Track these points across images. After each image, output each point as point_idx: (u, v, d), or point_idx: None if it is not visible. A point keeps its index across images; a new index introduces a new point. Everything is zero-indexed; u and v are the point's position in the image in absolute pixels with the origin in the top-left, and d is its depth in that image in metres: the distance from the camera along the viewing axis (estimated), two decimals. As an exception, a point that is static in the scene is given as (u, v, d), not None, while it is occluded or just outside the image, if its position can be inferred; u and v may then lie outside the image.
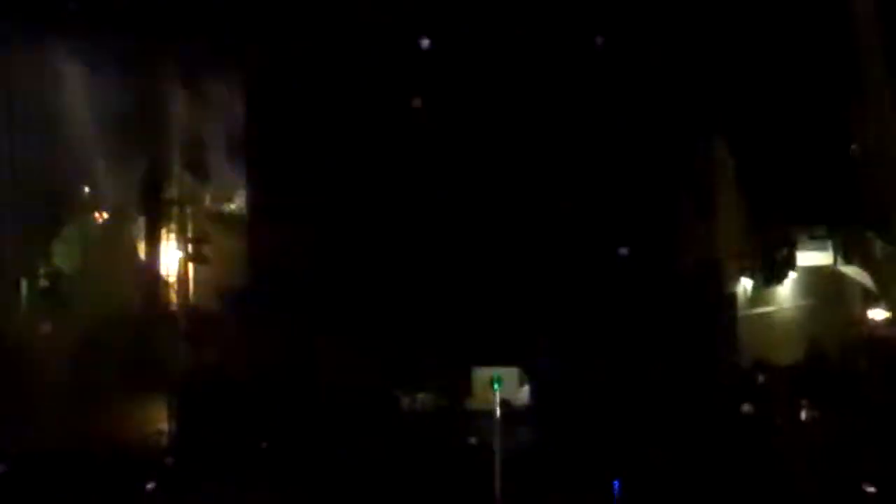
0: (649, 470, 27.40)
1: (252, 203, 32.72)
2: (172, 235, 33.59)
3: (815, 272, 33.84)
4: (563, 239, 31.32)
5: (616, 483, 27.03)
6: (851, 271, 33.76)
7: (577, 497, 26.77)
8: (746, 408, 30.40)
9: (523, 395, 30.97)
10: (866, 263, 33.57)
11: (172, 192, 33.51)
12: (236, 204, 34.01)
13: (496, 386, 28.82)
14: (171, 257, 33.70)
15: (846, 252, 33.82)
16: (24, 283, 32.64)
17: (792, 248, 33.78)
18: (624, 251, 31.63)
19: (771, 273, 33.68)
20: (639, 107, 31.52)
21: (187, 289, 33.39)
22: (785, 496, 26.44)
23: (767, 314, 33.67)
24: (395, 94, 31.36)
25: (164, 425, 30.29)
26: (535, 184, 31.37)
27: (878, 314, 33.27)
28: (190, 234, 33.33)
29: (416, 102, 31.42)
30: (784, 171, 32.00)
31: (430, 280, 30.93)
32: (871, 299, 33.40)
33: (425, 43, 31.29)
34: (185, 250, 33.32)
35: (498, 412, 27.78)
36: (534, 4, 31.25)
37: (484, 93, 31.25)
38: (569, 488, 26.92)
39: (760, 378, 31.11)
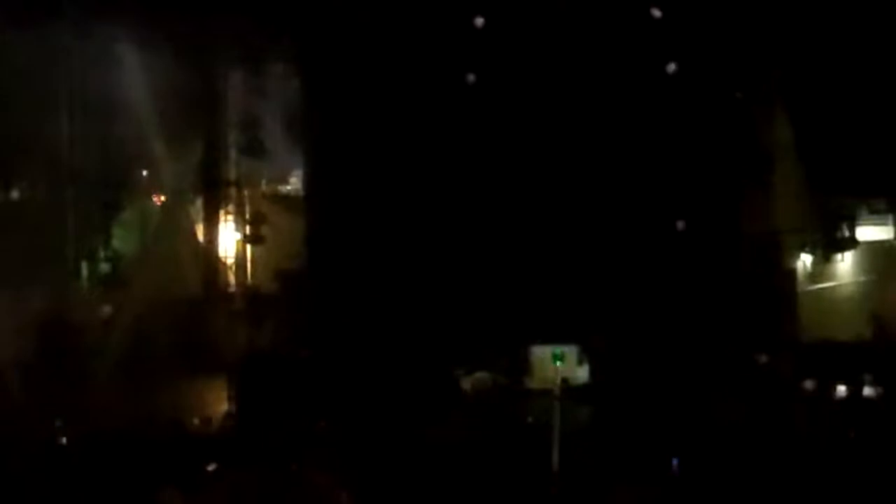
0: (709, 448, 27.36)
1: (309, 183, 32.70)
2: (230, 217, 33.77)
3: (875, 247, 33.55)
4: (619, 213, 31.11)
5: (675, 461, 27.01)
6: (912, 246, 33.56)
7: (636, 476, 26.77)
8: (808, 384, 30.33)
9: (583, 373, 30.89)
10: (927, 238, 33.39)
11: (230, 173, 33.68)
12: (293, 184, 34.16)
13: (558, 363, 28.91)
14: (228, 239, 33.89)
15: (907, 227, 33.64)
16: (84, 267, 33.03)
17: (852, 222, 33.54)
18: (681, 225, 31.39)
19: (831, 248, 33.44)
20: (698, 78, 31.25)
21: (245, 270, 33.54)
22: (846, 472, 26.35)
23: (827, 290, 33.41)
24: (451, 70, 31.23)
25: (224, 406, 30.56)
26: (591, 157, 31.15)
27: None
28: (247, 216, 33.43)
29: (471, 78, 31.24)
30: (843, 143, 31.64)
31: (489, 258, 30.84)
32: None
33: (479, 21, 31.13)
34: (243, 231, 33.43)
35: (558, 390, 27.84)
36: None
37: (538, 65, 31.06)
38: (628, 467, 26.93)
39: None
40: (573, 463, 26.72)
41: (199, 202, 33.87)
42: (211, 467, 26.68)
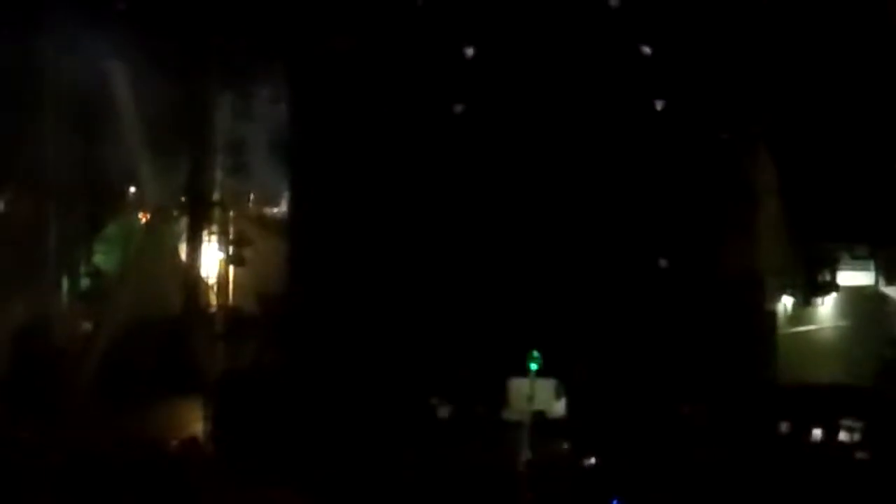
0: (684, 487, 27.34)
1: (294, 206, 32.75)
2: (214, 237, 33.79)
3: (856, 292, 33.66)
4: (602, 249, 31.21)
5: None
6: (893, 292, 33.61)
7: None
8: (784, 427, 30.33)
9: (560, 407, 30.89)
10: (909, 284, 33.54)
11: (215, 193, 33.73)
12: (278, 207, 34.22)
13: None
14: (211, 259, 33.87)
15: (888, 272, 33.74)
16: (65, 282, 32.97)
17: (833, 266, 33.70)
18: (664, 263, 31.49)
19: (812, 291, 33.57)
20: (685, 117, 31.44)
21: (227, 291, 33.53)
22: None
23: (807, 333, 33.50)
24: (438, 99, 31.37)
25: (201, 426, 30.44)
26: (576, 193, 31.28)
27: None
28: (231, 237, 33.47)
29: (458, 108, 31.40)
30: (826, 188, 31.85)
31: (470, 288, 30.88)
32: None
33: (469, 51, 31.29)
34: (226, 252, 33.46)
35: (529, 423, 27.91)
36: (578, 15, 31.22)
37: (525, 99, 31.21)
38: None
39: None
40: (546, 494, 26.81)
41: (183, 221, 33.92)
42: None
